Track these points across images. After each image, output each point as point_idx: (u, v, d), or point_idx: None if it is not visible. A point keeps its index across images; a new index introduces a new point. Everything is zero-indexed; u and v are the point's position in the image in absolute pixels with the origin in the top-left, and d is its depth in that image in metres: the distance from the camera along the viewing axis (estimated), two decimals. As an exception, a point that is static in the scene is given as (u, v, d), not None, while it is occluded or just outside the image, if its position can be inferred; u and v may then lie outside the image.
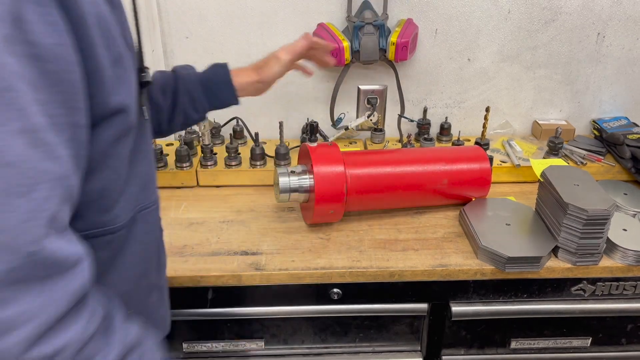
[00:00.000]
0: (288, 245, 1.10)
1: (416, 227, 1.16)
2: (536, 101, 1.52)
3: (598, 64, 1.47)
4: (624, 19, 1.41)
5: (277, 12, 1.37)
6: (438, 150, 1.23)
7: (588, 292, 1.09)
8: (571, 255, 1.03)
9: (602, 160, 1.35)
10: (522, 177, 1.34)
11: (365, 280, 1.04)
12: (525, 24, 1.41)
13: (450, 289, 1.08)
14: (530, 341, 1.15)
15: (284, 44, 1.43)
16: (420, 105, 1.50)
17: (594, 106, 1.53)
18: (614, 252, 1.05)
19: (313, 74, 1.18)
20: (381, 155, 1.18)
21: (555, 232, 1.04)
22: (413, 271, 1.03)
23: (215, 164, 1.33)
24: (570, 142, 1.44)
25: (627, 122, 1.49)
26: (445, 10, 1.38)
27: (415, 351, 1.17)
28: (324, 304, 1.08)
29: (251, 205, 1.25)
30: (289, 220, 1.19)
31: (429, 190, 1.16)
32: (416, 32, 1.36)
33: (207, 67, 1.04)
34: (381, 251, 1.08)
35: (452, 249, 1.08)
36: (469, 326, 1.13)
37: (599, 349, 1.17)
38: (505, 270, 1.02)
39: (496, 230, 1.08)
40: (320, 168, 1.06)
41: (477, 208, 1.17)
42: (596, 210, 0.97)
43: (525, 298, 1.09)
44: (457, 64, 1.45)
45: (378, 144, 1.47)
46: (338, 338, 1.16)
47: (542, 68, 1.47)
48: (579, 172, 1.10)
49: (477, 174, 1.18)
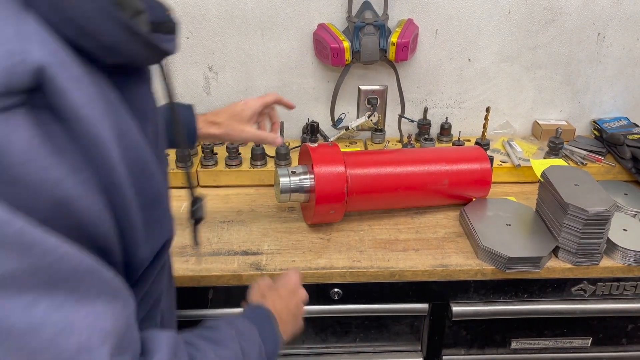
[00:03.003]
0: (288, 245, 1.10)
1: (416, 227, 1.16)
2: (536, 101, 1.52)
3: (598, 64, 1.47)
4: (625, 19, 1.41)
5: (277, 12, 1.37)
6: (438, 150, 1.23)
7: (588, 293, 1.09)
8: (571, 256, 1.03)
9: (603, 161, 1.35)
10: (522, 177, 1.34)
11: (366, 280, 1.04)
12: (525, 24, 1.41)
13: (451, 289, 1.08)
14: (530, 341, 1.15)
15: (285, 45, 1.43)
16: (420, 106, 1.50)
17: (594, 106, 1.53)
18: (614, 252, 1.05)
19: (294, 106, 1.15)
20: (382, 156, 1.18)
21: (556, 232, 1.04)
22: (413, 271, 1.03)
23: (216, 164, 1.33)
24: (571, 142, 1.44)
25: (627, 122, 1.49)
26: (445, 10, 1.38)
27: (415, 351, 1.17)
28: (324, 304, 1.08)
29: (252, 205, 1.25)
30: (290, 221, 1.19)
31: (429, 191, 1.16)
32: (416, 32, 1.36)
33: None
34: (381, 251, 1.08)
35: (452, 249, 1.08)
36: (470, 326, 1.13)
37: (600, 349, 1.17)
38: (506, 270, 1.02)
39: (496, 230, 1.08)
40: (321, 168, 1.06)
41: (477, 208, 1.17)
42: (596, 211, 0.97)
43: (525, 298, 1.09)
44: (458, 64, 1.45)
45: (378, 144, 1.47)
46: (338, 338, 1.16)
47: (543, 68, 1.47)
48: (580, 173, 1.10)
49: (477, 174, 1.18)
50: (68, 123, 0.43)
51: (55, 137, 0.43)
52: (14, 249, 0.40)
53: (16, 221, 0.40)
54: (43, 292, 0.41)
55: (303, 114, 1.49)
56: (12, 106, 0.40)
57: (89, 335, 0.43)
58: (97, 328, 0.44)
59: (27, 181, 0.41)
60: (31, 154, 0.41)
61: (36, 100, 0.41)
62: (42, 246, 0.41)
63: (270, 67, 1.43)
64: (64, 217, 0.44)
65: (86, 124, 0.44)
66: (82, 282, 0.44)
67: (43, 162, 0.42)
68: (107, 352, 0.44)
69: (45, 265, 0.41)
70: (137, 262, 0.55)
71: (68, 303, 0.43)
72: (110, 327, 0.45)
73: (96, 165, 0.46)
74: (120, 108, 0.50)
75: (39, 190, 0.42)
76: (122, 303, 0.48)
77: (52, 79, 0.41)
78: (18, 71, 0.39)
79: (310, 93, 1.48)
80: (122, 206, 0.50)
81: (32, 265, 0.40)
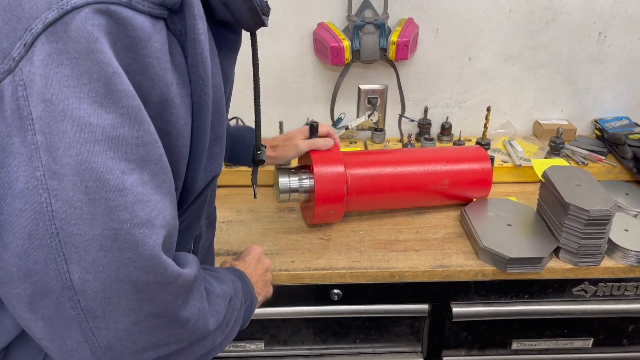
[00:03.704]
0: (288, 245, 1.10)
1: (417, 228, 1.16)
2: (537, 101, 1.51)
3: (599, 63, 1.46)
4: (626, 19, 1.40)
5: (277, 11, 1.36)
6: (439, 150, 1.22)
7: (589, 293, 1.08)
8: (572, 256, 1.03)
9: (604, 161, 1.35)
10: (523, 177, 1.33)
11: (366, 281, 1.04)
12: (526, 23, 1.40)
13: (451, 290, 1.07)
14: (531, 342, 1.15)
15: (285, 44, 1.43)
16: (420, 105, 1.50)
17: (595, 106, 1.52)
18: (615, 252, 1.04)
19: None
20: (382, 156, 1.18)
21: (557, 232, 1.04)
22: (414, 272, 1.03)
23: (215, 164, 1.33)
24: (572, 142, 1.44)
25: (628, 122, 1.48)
26: (446, 9, 1.38)
27: (415, 352, 1.17)
28: (324, 304, 1.08)
29: (251, 205, 1.24)
30: (289, 221, 1.19)
31: (429, 191, 1.16)
32: (417, 31, 1.36)
33: (236, 126, 1.08)
34: (381, 252, 1.08)
35: (453, 250, 1.08)
36: (470, 327, 1.13)
37: (601, 350, 1.17)
38: (507, 270, 1.01)
39: (497, 230, 1.08)
40: (321, 168, 1.06)
41: (478, 208, 1.16)
42: (597, 211, 0.97)
43: (526, 299, 1.09)
44: (458, 64, 1.45)
45: (378, 144, 1.46)
46: (338, 339, 1.15)
47: (544, 68, 1.46)
48: (581, 173, 1.09)
49: (478, 174, 1.17)
50: (189, 43, 0.55)
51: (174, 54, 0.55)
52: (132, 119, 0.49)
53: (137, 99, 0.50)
54: (136, 165, 0.50)
55: (303, 113, 1.49)
56: (159, 16, 0.52)
57: (156, 215, 0.51)
58: (161, 213, 0.52)
59: (151, 74, 0.51)
60: (161, 54, 0.52)
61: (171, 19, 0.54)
62: (149, 126, 0.51)
63: (269, 66, 1.42)
64: (162, 117, 0.54)
65: (201, 48, 0.56)
66: (161, 172, 0.52)
67: (165, 64, 0.53)
68: (162, 235, 0.52)
69: (146, 143, 0.50)
70: (193, 188, 0.64)
71: (150, 183, 0.51)
72: (168, 220, 0.53)
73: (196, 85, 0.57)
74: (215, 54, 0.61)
75: (156, 85, 0.52)
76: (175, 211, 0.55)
77: (191, 6, 0.54)
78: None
79: (309, 92, 1.47)
80: (202, 130, 0.60)
81: (137, 138, 0.49)
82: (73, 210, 0.47)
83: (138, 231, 0.49)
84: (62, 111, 0.46)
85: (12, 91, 0.47)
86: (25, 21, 0.47)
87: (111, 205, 0.48)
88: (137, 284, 0.50)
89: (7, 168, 0.48)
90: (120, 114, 0.48)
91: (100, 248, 0.48)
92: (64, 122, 0.46)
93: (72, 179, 0.47)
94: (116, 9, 0.48)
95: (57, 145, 0.47)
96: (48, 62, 0.46)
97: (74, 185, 0.47)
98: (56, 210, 0.47)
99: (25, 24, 0.47)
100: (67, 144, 0.47)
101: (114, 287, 0.49)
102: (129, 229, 0.49)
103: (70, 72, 0.46)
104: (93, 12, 0.47)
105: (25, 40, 0.46)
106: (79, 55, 0.46)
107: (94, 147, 0.47)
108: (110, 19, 0.48)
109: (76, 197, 0.47)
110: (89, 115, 0.47)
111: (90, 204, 0.48)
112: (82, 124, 0.47)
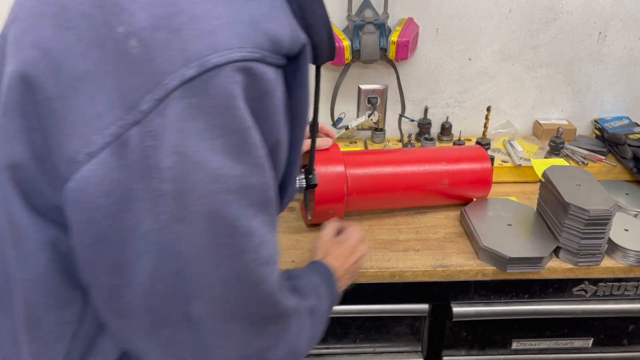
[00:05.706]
0: (288, 245, 1.10)
1: (417, 228, 1.16)
2: (537, 101, 1.51)
3: (600, 63, 1.46)
4: (626, 19, 1.40)
5: (277, 11, 1.36)
6: (439, 150, 1.22)
7: (589, 293, 1.08)
8: (572, 256, 1.03)
9: (604, 160, 1.35)
10: (523, 177, 1.33)
11: (366, 281, 1.04)
12: (526, 23, 1.40)
13: (451, 290, 1.07)
14: (531, 342, 1.15)
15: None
16: (421, 105, 1.50)
17: (595, 106, 1.52)
18: (615, 252, 1.04)
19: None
20: (382, 155, 1.18)
21: (557, 232, 1.04)
22: (414, 272, 1.03)
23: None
24: (572, 142, 1.44)
25: (628, 121, 1.48)
26: (446, 9, 1.38)
27: (415, 352, 1.17)
28: (324, 304, 1.08)
29: (251, 205, 1.24)
30: (289, 220, 1.18)
31: (429, 191, 1.16)
32: (417, 31, 1.35)
33: None
34: (382, 251, 1.08)
35: (453, 250, 1.08)
36: (470, 327, 1.13)
37: (601, 350, 1.17)
38: (507, 270, 1.01)
39: (497, 230, 1.08)
40: (321, 168, 1.06)
41: (478, 208, 1.16)
42: (598, 211, 0.97)
43: (526, 299, 1.09)
44: (458, 64, 1.45)
45: (378, 143, 1.46)
46: (338, 339, 1.15)
47: (544, 67, 1.46)
48: (581, 172, 1.09)
49: (478, 174, 1.17)
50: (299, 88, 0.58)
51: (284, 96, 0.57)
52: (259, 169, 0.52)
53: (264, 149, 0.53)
54: (259, 210, 0.53)
55: (303, 113, 1.48)
56: (281, 66, 0.54)
57: (274, 253, 0.55)
58: (276, 249, 0.56)
59: (272, 121, 0.54)
60: (280, 102, 0.55)
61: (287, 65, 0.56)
62: (269, 172, 0.54)
63: (269, 67, 1.42)
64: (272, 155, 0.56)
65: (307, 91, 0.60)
66: (273, 212, 0.56)
67: (282, 109, 0.56)
68: (277, 270, 0.57)
69: (268, 188, 0.54)
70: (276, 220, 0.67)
71: (268, 224, 0.54)
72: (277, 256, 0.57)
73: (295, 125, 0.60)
74: None
75: (274, 130, 0.55)
76: None
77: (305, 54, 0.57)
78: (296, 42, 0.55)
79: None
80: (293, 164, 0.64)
81: (262, 184, 0.53)
82: (199, 252, 0.50)
83: (261, 270, 0.53)
84: (195, 163, 0.47)
85: (139, 141, 0.47)
86: (158, 76, 0.46)
87: (239, 248, 0.51)
88: (254, 318, 0.55)
89: (130, 212, 0.48)
90: (250, 164, 0.51)
91: (224, 285, 0.52)
92: (197, 173, 0.48)
93: (201, 225, 0.49)
94: (254, 66, 0.49)
95: (188, 195, 0.48)
96: (182, 116, 0.46)
97: (201, 230, 0.49)
98: (181, 251, 0.49)
99: (156, 78, 0.46)
100: (200, 193, 0.48)
101: (232, 321, 0.53)
102: (253, 268, 0.52)
103: (204, 125, 0.47)
104: (233, 70, 0.48)
105: (158, 95, 0.46)
106: (214, 110, 0.47)
107: (227, 197, 0.49)
108: (247, 75, 0.49)
109: (203, 240, 0.49)
110: (222, 167, 0.48)
111: (218, 247, 0.50)
112: (216, 174, 0.48)
